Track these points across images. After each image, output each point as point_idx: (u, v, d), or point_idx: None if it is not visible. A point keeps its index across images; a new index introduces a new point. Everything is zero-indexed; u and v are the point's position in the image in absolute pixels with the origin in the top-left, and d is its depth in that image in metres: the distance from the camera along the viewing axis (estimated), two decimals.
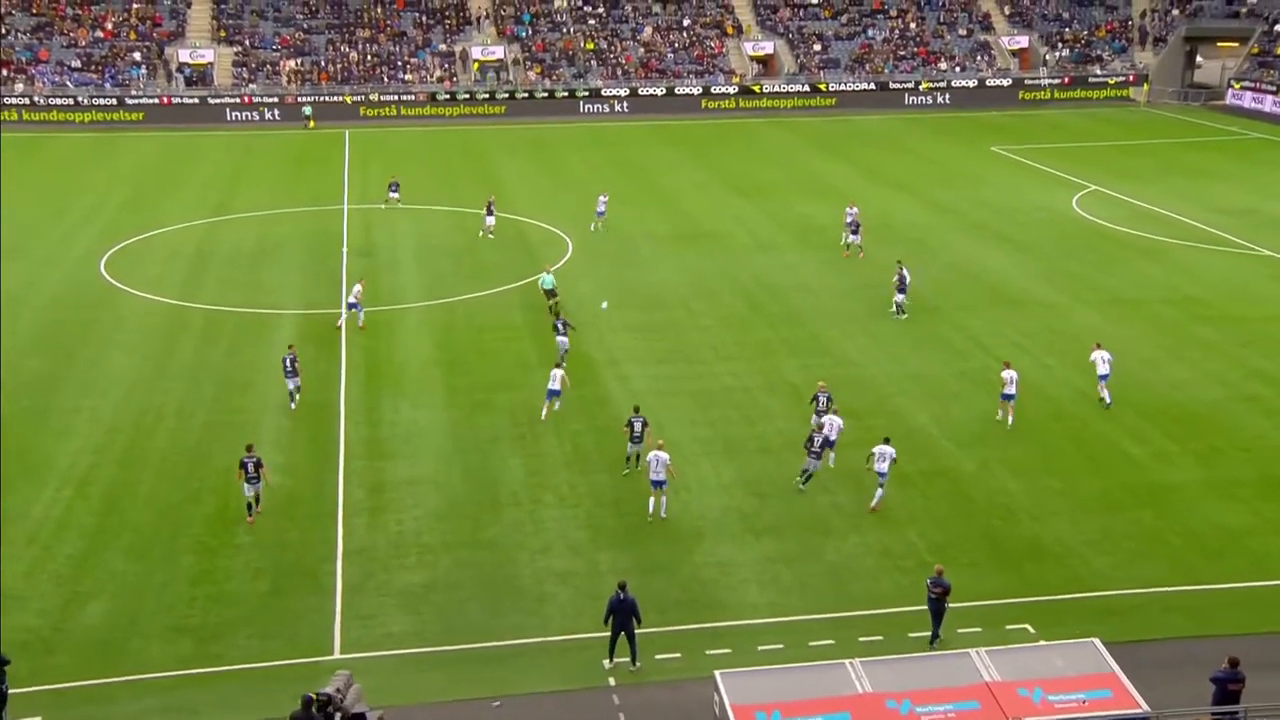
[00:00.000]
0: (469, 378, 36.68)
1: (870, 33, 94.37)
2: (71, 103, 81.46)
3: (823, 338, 40.04)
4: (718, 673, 19.65)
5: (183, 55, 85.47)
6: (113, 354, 38.39)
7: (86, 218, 55.80)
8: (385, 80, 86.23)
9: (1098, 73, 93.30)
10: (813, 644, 23.24)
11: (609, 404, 34.49)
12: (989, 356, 37.35)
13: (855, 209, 50.88)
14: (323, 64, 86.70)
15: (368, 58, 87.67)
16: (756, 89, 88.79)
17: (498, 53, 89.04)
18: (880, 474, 28.35)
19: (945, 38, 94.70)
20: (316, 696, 18.34)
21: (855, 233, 49.43)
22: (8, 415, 32.41)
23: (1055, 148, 73.82)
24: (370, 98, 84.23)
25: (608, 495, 29.29)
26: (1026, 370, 35.15)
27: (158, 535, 27.34)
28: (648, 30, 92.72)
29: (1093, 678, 19.47)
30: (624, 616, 22.38)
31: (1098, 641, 20.40)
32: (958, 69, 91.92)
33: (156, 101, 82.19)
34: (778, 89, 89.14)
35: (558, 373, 33.46)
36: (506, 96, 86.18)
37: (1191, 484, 30.05)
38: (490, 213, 52.48)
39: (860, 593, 25.30)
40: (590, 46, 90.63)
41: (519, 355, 38.35)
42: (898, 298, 41.45)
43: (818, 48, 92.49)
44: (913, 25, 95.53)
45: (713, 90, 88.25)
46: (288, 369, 34.12)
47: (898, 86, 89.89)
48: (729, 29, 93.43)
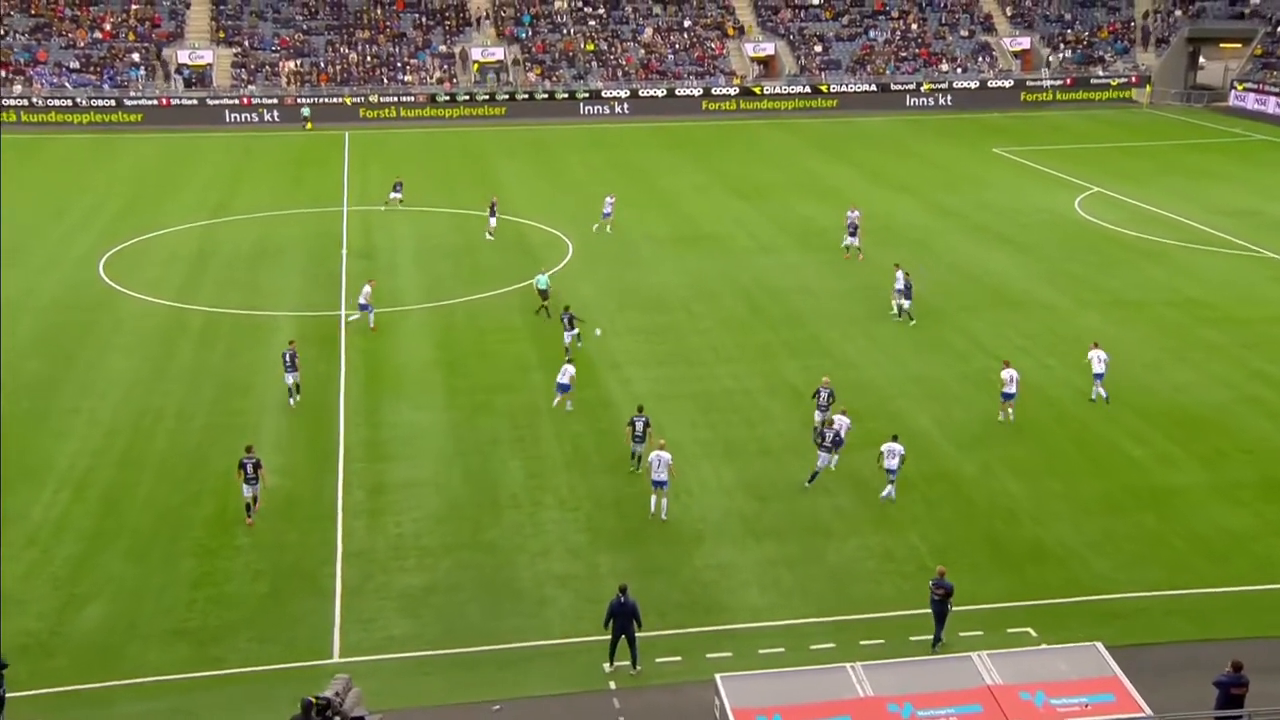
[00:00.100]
0: (469, 380, 36.61)
1: (871, 34, 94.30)
2: (70, 104, 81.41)
3: (823, 339, 39.96)
4: (718, 676, 19.57)
5: (181, 56, 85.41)
6: (111, 356, 38.32)
7: (85, 219, 55.72)
8: (385, 81, 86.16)
9: (1100, 74, 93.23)
10: (814, 647, 23.19)
11: (610, 406, 34.41)
12: (990, 358, 37.22)
13: (857, 212, 50.79)
14: (322, 65, 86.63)
15: (367, 59, 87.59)
16: (757, 90, 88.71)
17: (498, 54, 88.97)
18: (889, 471, 28.55)
19: (947, 39, 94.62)
20: (316, 700, 18.21)
21: (853, 234, 49.38)
22: (6, 417, 32.33)
23: (1057, 149, 73.77)
24: (370, 99, 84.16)
25: (608, 498, 29.22)
26: (1028, 372, 35.10)
27: (157, 538, 27.26)
28: (648, 31, 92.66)
29: (1095, 681, 19.38)
30: (624, 620, 22.32)
31: (1100, 645, 20.30)
32: (959, 70, 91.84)
33: (155, 103, 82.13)
34: (779, 90, 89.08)
35: (568, 369, 33.73)
36: (506, 98, 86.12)
37: (1194, 487, 29.97)
38: (493, 214, 52.46)
39: (861, 596, 25.24)
40: (590, 48, 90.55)
41: (519, 357, 38.28)
42: (905, 303, 41.23)
43: (819, 49, 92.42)
44: (914, 26, 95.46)
45: (713, 92, 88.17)
46: (287, 364, 34.16)
47: (899, 88, 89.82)
48: (730, 30, 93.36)
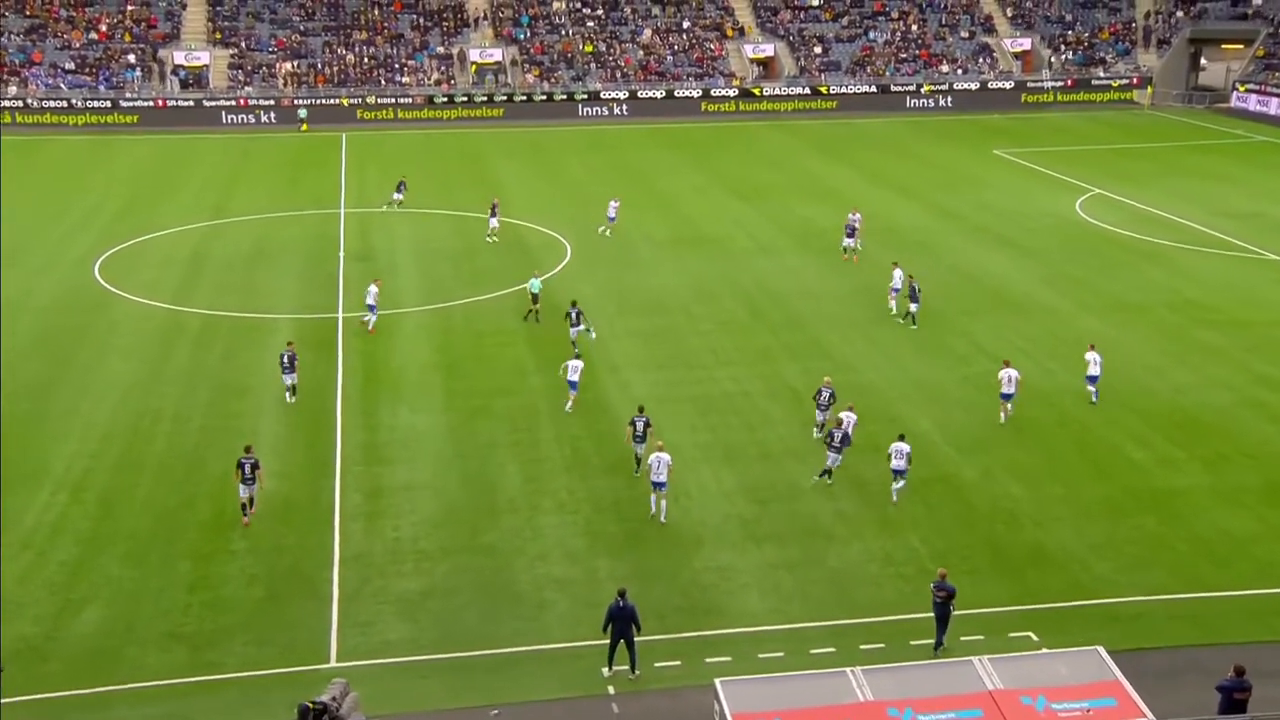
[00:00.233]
0: (467, 382, 36.47)
1: (871, 35, 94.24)
2: (65, 105, 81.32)
3: (823, 342, 39.84)
4: (718, 680, 19.45)
5: (178, 57, 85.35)
6: (108, 358, 38.19)
7: (82, 221, 55.59)
8: (382, 83, 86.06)
9: (1101, 75, 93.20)
10: (814, 651, 23.08)
11: (609, 409, 34.28)
12: (991, 361, 37.00)
13: (858, 215, 50.63)
14: (319, 66, 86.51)
15: (364, 60, 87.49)
16: (757, 91, 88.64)
17: (496, 55, 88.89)
18: (896, 471, 28.61)
19: (947, 40, 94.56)
20: (312, 705, 18.09)
21: (850, 236, 49.25)
22: (4, 419, 32.17)
23: (1058, 151, 73.71)
24: (367, 100, 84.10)
25: (606, 501, 29.09)
26: (1029, 375, 34.97)
27: (153, 541, 27.13)
28: (647, 33, 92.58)
29: (1097, 686, 19.27)
30: (623, 624, 22.20)
31: (1102, 649, 20.17)
32: (960, 72, 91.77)
33: (151, 104, 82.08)
34: (778, 91, 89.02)
35: (578, 364, 33.82)
36: (504, 99, 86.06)
37: (1196, 490, 29.85)
38: (494, 215, 52.35)
39: (862, 600, 25.11)
40: (589, 49, 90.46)
41: (517, 360, 38.14)
42: (911, 307, 40.97)
43: (818, 50, 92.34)
44: (914, 27, 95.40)
45: (712, 93, 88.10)
46: (285, 365, 34.09)
47: (899, 89, 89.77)
48: (729, 31, 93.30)
